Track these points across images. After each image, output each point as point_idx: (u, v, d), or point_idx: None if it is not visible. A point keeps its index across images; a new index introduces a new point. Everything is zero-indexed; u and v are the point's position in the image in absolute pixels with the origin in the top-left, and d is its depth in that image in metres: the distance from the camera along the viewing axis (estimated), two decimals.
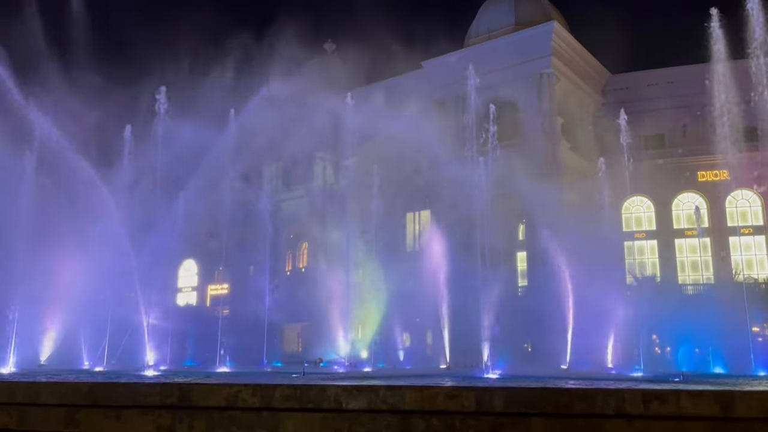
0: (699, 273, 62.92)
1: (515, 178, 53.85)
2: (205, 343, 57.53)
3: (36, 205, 41.69)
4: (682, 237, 64.06)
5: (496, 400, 9.60)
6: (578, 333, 42.67)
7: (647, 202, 65.95)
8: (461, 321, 45.61)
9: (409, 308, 52.53)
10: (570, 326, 42.71)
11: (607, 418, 9.30)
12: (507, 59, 63.64)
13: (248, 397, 10.43)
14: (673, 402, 9.32)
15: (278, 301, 58.15)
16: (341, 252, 54.27)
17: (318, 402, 10.12)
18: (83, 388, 11.82)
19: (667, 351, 49.39)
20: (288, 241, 76.44)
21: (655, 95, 66.57)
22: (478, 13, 71.22)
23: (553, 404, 9.51)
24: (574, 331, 42.94)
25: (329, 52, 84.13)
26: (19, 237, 39.05)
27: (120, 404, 11.06)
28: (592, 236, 44.91)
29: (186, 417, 10.58)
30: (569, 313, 42.75)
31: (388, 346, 53.14)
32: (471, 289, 47.11)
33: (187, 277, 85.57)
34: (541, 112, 62.39)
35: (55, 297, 41.18)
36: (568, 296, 42.97)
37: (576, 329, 42.91)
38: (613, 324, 42.67)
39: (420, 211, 66.88)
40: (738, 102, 65.34)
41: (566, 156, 62.25)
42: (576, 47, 65.93)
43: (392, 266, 53.74)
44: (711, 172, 63.87)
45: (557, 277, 44.09)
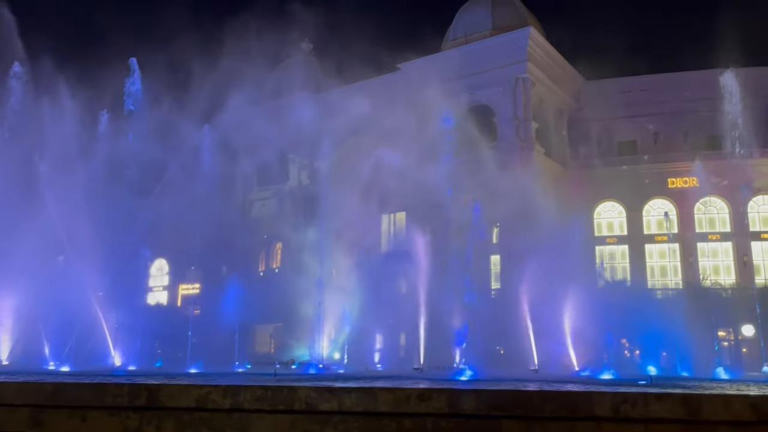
0: (668, 278, 64.09)
1: (490, 181, 54.24)
2: (176, 344, 56.80)
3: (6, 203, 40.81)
4: (652, 242, 65.17)
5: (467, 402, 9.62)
6: (549, 336, 43.08)
7: (619, 208, 66.95)
8: (434, 323, 45.75)
9: (383, 310, 52.52)
10: (541, 329, 43.10)
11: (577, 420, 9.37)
12: (483, 63, 64.11)
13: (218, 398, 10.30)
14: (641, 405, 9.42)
15: (250, 301, 57.60)
16: (315, 253, 54.06)
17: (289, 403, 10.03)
18: (48, 388, 11.56)
19: (636, 354, 50.15)
20: (261, 242, 75.92)
21: (628, 102, 67.72)
22: (456, 17, 71.64)
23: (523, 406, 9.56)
24: (546, 334, 43.34)
25: (306, 51, 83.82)
26: None
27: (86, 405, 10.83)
28: (565, 240, 45.43)
29: (154, 418, 10.41)
30: (540, 316, 43.15)
31: (361, 347, 53.04)
32: (444, 291, 47.28)
33: (159, 276, 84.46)
34: (516, 117, 62.95)
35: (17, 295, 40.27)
36: (540, 299, 43.37)
37: (547, 332, 43.32)
38: (583, 327, 43.17)
39: (395, 213, 66.98)
40: (708, 111, 66.91)
41: (540, 161, 62.92)
42: (551, 53, 66.69)
43: (366, 268, 53.71)
44: (681, 179, 65.12)
45: (530, 281, 44.49)
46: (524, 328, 43.70)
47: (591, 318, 42.99)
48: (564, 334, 43.52)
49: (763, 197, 63.62)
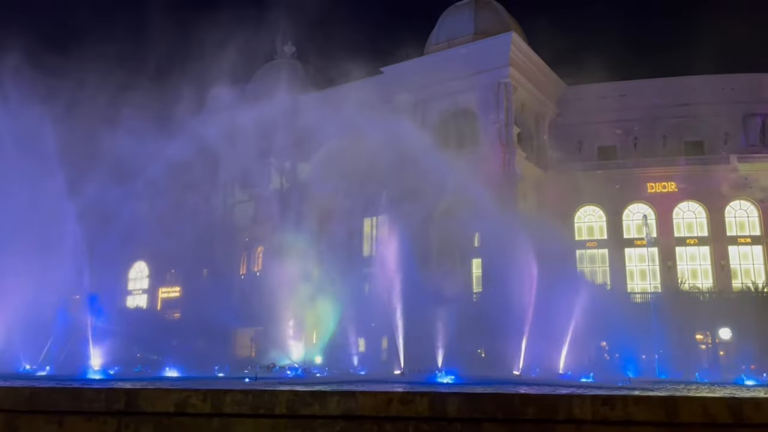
0: (647, 282, 64.76)
1: (471, 185, 54.42)
2: (156, 347, 56.18)
3: None
4: (631, 246, 65.81)
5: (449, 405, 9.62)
6: (531, 339, 43.28)
7: (599, 212, 67.56)
8: (416, 326, 45.73)
9: (364, 313, 52.43)
10: (523, 332, 43.29)
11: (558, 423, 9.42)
12: (466, 68, 64.39)
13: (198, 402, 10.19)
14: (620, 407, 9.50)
15: (231, 304, 57.23)
16: (296, 256, 53.81)
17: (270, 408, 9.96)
18: (24, 392, 11.36)
19: (615, 357, 50.57)
20: (242, 245, 75.47)
21: (608, 108, 68.43)
22: (439, 22, 71.92)
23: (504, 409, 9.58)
24: (527, 337, 43.54)
25: (288, 54, 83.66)
26: None
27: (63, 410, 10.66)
28: (546, 244, 45.68)
29: (132, 423, 10.27)
30: (522, 320, 43.33)
31: (342, 351, 52.87)
32: (426, 294, 47.32)
33: (138, 280, 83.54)
34: (498, 121, 63.26)
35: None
36: (521, 303, 43.56)
37: (528, 335, 43.52)
38: (564, 330, 43.44)
39: (377, 217, 66.93)
40: (686, 116, 67.87)
41: (521, 165, 63.29)
42: (533, 58, 67.19)
43: (348, 271, 53.61)
44: (659, 184, 65.92)
45: (510, 285, 44.67)
46: (506, 331, 43.84)
47: (572, 322, 43.28)
48: (546, 337, 43.75)
49: (739, 202, 64.58)
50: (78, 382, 21.57)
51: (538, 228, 48.24)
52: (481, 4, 69.49)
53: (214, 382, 23.10)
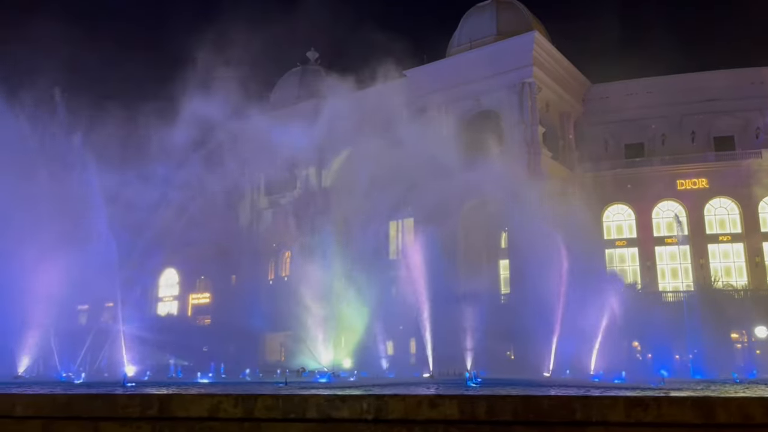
0: (679, 280, 63.65)
1: (497, 186, 54.13)
2: (187, 353, 56.97)
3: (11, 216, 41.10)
4: (662, 245, 64.80)
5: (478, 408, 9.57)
6: (560, 340, 42.87)
7: (628, 210, 66.66)
8: (444, 329, 45.61)
9: (392, 317, 52.43)
10: (552, 333, 42.90)
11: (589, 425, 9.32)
12: (489, 69, 64.08)
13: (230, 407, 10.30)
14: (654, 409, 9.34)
15: (260, 310, 57.73)
16: (323, 261, 54.09)
17: (300, 412, 10.02)
18: (60, 399, 11.61)
19: (648, 357, 49.80)
20: (270, 250, 76.04)
21: (635, 105, 67.50)
22: (461, 23, 71.72)
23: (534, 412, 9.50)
24: (557, 339, 43.13)
25: (312, 60, 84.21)
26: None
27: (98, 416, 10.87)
28: (574, 244, 45.23)
29: (166, 428, 10.42)
30: (551, 321, 42.95)
31: (371, 354, 52.95)
32: (454, 296, 47.18)
33: (168, 287, 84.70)
34: (523, 121, 62.84)
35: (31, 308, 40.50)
36: (550, 304, 43.17)
37: (558, 336, 43.10)
38: (594, 331, 42.94)
39: (403, 220, 66.94)
40: (716, 111, 66.63)
41: (547, 165, 62.75)
42: (557, 57, 66.62)
43: (375, 275, 53.67)
44: (689, 181, 64.81)
45: (539, 285, 44.31)
46: (535, 332, 43.48)
47: (602, 322, 42.76)
48: (576, 338, 43.28)
49: None
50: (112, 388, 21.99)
51: (565, 228, 47.75)
52: (502, 4, 69.11)
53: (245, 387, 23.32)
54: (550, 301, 43.47)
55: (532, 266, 46.83)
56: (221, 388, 20.08)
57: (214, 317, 73.72)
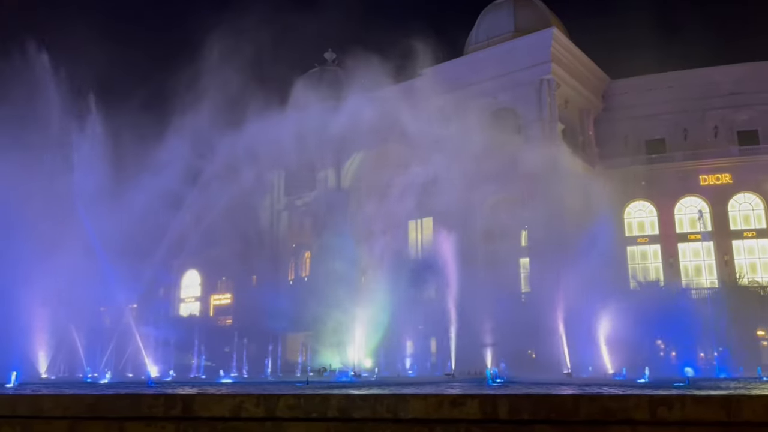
0: (703, 277, 62.79)
1: (516, 184, 53.84)
2: (209, 353, 57.49)
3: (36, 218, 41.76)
4: (685, 241, 63.98)
5: (500, 407, 9.53)
6: (581, 339, 42.53)
7: (649, 207, 65.92)
8: (465, 328, 45.50)
9: (413, 316, 52.42)
10: (574, 332, 42.57)
11: (612, 424, 9.24)
12: (506, 66, 63.77)
13: (252, 407, 10.38)
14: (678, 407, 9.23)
15: (281, 310, 58.04)
16: (343, 260, 54.22)
17: (322, 411, 10.07)
18: (86, 399, 11.77)
19: (672, 356, 49.22)
20: (290, 251, 76.43)
21: (656, 100, 66.71)
22: (478, 21, 71.45)
23: (557, 411, 9.44)
24: (578, 337, 42.79)
25: (329, 61, 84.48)
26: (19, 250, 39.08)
27: (123, 416, 11.02)
28: (595, 242, 44.84)
29: (190, 428, 10.54)
30: (573, 319, 42.63)
31: (392, 354, 52.99)
32: (474, 296, 47.03)
33: (190, 287, 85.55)
34: (542, 118, 62.43)
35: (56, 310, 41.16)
36: (571, 302, 42.86)
37: (579, 335, 42.77)
38: (616, 329, 42.53)
39: (422, 219, 66.87)
40: (738, 105, 65.60)
41: (567, 162, 62.22)
42: (576, 53, 66.07)
43: (395, 274, 53.65)
44: (713, 176, 63.91)
45: (560, 283, 44.01)
46: (556, 331, 43.21)
47: (624, 320, 42.35)
48: (597, 336, 42.92)
49: None
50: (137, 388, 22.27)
51: (586, 225, 47.39)
52: (520, 1, 68.69)
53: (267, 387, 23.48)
54: (571, 300, 43.16)
55: (551, 265, 46.51)
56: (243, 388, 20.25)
57: (235, 318, 74.29)
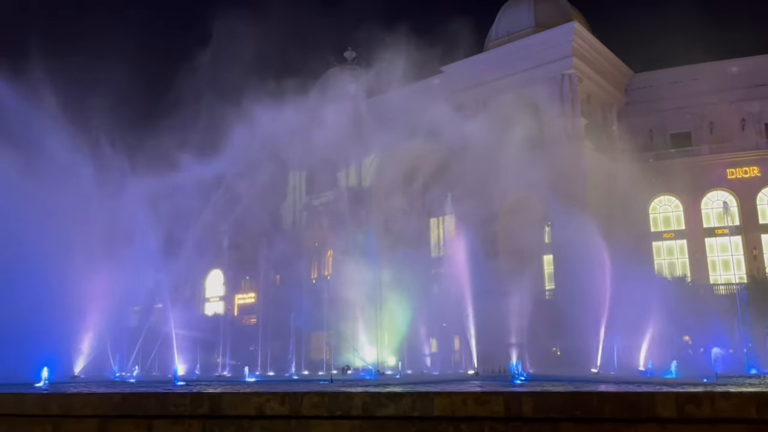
0: (731, 272, 61.74)
1: (539, 180, 53.43)
2: (234, 352, 58.03)
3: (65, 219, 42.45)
4: (712, 236, 62.95)
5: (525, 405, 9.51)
6: (608, 335, 42.07)
7: (675, 201, 64.98)
8: (488, 326, 45.27)
9: (436, 314, 52.32)
10: (599, 329, 42.13)
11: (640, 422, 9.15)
12: (528, 61, 63.33)
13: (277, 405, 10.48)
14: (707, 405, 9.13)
15: (305, 309, 58.35)
16: (365, 259, 54.29)
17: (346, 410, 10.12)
18: (115, 398, 11.99)
19: (700, 352, 48.49)
20: (313, 250, 76.77)
21: (680, 93, 65.73)
22: (498, 17, 71.06)
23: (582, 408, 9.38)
24: (604, 334, 42.35)
25: (349, 59, 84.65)
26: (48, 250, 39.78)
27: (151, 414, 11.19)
28: (620, 237, 44.37)
29: (216, 426, 10.67)
30: (597, 316, 42.18)
31: (416, 352, 52.95)
32: (497, 293, 46.78)
33: (215, 287, 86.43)
34: (564, 114, 61.87)
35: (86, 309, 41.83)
36: (597, 298, 42.41)
37: (605, 332, 42.32)
38: (643, 326, 42.02)
39: (444, 216, 66.70)
40: (765, 97, 64.34)
41: (590, 157, 61.61)
42: (598, 47, 65.34)
43: (417, 272, 53.60)
44: (740, 169, 62.76)
45: (584, 280, 43.57)
46: (582, 328, 42.78)
47: (651, 316, 41.82)
48: (624, 333, 42.43)
49: None
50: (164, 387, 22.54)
51: (610, 221, 46.90)
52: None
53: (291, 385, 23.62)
54: (595, 296, 42.70)
55: (576, 261, 46.05)
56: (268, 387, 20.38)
57: (259, 317, 74.85)
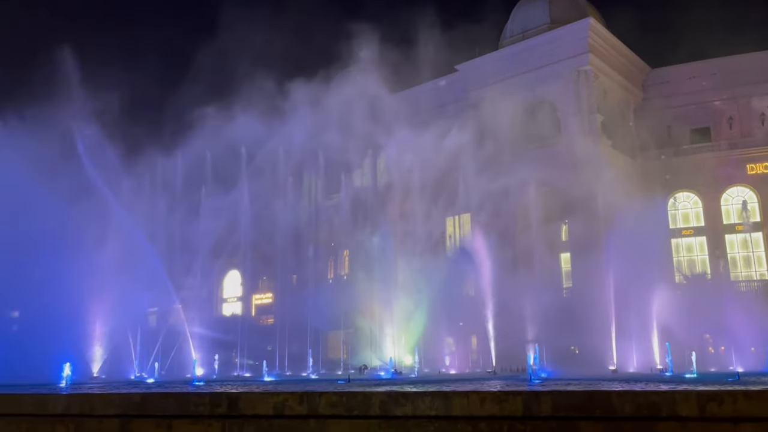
0: (752, 269, 60.92)
1: (556, 178, 53.09)
2: (252, 352, 58.36)
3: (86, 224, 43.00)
4: (732, 232, 62.14)
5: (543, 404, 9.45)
6: (626, 333, 41.71)
7: (694, 198, 64.24)
8: (506, 324, 45.11)
9: (453, 313, 52.22)
10: (617, 327, 41.79)
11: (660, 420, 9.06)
12: (543, 58, 62.95)
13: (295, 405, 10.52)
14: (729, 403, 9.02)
15: (322, 308, 58.55)
16: (382, 258, 54.31)
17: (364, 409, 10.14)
18: (135, 398, 12.11)
19: (721, 351, 47.90)
20: (329, 249, 76.92)
21: (699, 88, 64.91)
22: (512, 14, 70.73)
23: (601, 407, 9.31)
24: (622, 332, 41.99)
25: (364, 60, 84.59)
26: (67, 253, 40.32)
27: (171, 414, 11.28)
28: (638, 234, 43.89)
29: (235, 426, 10.73)
30: (616, 314, 41.85)
31: (433, 351, 52.87)
32: (514, 291, 46.59)
33: (232, 288, 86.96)
34: (580, 111, 61.41)
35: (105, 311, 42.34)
36: (615, 296, 42.07)
37: (624, 330, 41.96)
38: (663, 324, 41.61)
39: (459, 215, 66.53)
40: None
41: (607, 154, 61.09)
42: (614, 43, 64.77)
43: (434, 271, 53.54)
44: (761, 165, 61.88)
45: (602, 278, 43.24)
46: (600, 326, 42.46)
47: (670, 314, 41.40)
48: (642, 331, 42.05)
49: None
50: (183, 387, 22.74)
51: (628, 218, 46.43)
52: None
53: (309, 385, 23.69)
54: (613, 294, 42.38)
55: (593, 259, 45.72)
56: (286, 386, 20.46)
57: (276, 317, 75.17)
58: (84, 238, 42.23)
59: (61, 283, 39.38)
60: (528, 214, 58.19)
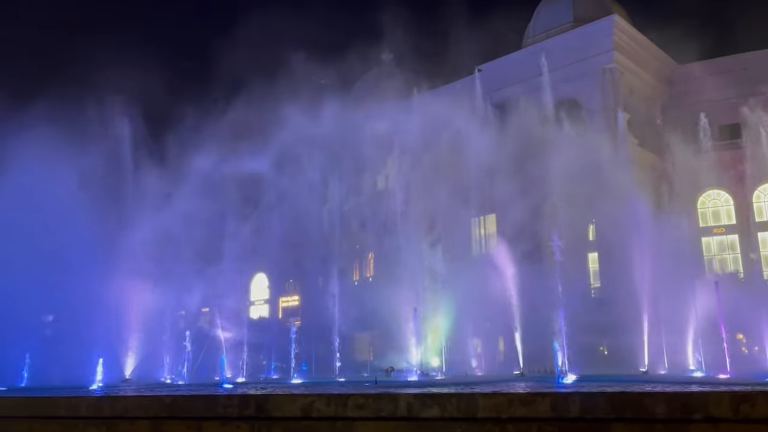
0: None
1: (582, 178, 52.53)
2: (279, 355, 58.78)
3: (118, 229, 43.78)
4: (765, 230, 60.85)
5: (572, 405, 9.36)
6: (656, 334, 41.08)
7: (725, 195, 63.03)
8: (533, 325, 44.75)
9: (479, 314, 51.95)
10: (647, 327, 41.17)
11: (692, 422, 8.91)
12: (567, 57, 62.41)
13: (322, 406, 10.57)
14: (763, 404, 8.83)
15: (348, 310, 58.74)
16: (407, 260, 54.30)
17: (391, 411, 10.14)
18: (165, 400, 12.27)
19: (755, 351, 46.89)
20: (354, 251, 77.17)
21: (729, 83, 63.71)
22: (535, 13, 70.29)
23: (633, 409, 9.19)
24: (653, 332, 41.36)
25: (386, 62, 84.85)
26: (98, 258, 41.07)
27: (200, 416, 11.42)
28: (667, 233, 43.25)
29: (263, 427, 10.82)
30: (646, 314, 41.24)
31: (460, 353, 52.66)
32: (542, 292, 46.20)
33: (259, 290, 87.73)
34: (606, 109, 60.73)
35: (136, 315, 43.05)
36: (644, 296, 41.47)
37: (655, 330, 41.33)
38: (694, 324, 40.89)
39: (485, 216, 66.21)
40: None
41: (635, 152, 60.28)
42: (639, 40, 63.92)
43: (460, 272, 53.37)
44: None
45: (632, 277, 42.66)
46: (630, 327, 41.88)
47: (702, 314, 40.67)
48: (674, 331, 41.37)
49: None
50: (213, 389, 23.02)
51: (657, 217, 45.77)
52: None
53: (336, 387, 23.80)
54: (642, 294, 41.78)
55: (622, 258, 45.14)
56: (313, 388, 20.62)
57: (303, 319, 75.64)
58: (116, 243, 42.99)
59: (93, 289, 40.14)
60: (554, 214, 57.66)
